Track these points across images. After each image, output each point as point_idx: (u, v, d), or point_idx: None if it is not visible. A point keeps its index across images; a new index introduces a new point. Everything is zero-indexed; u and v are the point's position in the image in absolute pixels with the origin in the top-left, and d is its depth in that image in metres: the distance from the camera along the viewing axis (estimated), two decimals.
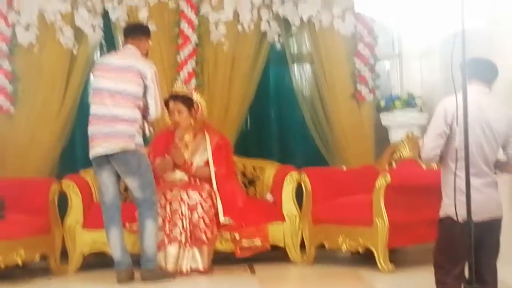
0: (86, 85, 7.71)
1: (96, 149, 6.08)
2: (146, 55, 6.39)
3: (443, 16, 4.06)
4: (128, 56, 6.23)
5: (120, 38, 7.42)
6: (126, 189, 6.78)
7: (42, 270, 6.73)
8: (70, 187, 6.83)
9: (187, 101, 6.85)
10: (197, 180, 6.82)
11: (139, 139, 6.12)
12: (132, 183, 6.16)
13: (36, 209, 6.65)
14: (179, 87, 7.02)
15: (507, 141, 4.67)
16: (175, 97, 6.86)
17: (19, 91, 7.48)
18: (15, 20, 7.45)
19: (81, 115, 7.43)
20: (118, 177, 6.23)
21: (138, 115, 6.10)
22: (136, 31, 6.43)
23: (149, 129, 6.31)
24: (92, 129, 6.12)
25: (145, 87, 6.09)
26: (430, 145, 4.60)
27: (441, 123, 4.55)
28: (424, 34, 4.55)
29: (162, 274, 6.22)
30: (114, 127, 6.01)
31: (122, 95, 6.04)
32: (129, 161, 6.08)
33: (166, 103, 6.79)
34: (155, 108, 6.14)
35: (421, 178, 6.30)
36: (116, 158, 6.07)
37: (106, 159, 6.10)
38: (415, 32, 4.71)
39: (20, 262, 6.33)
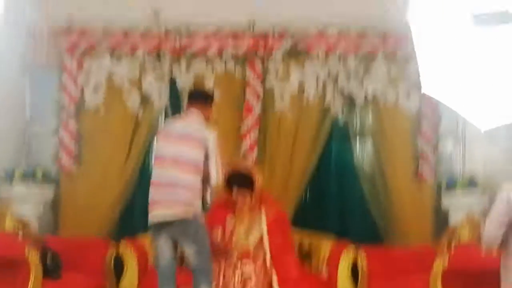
0: (149, 149, 7.81)
1: (155, 215, 6.07)
2: (208, 120, 6.37)
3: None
4: (190, 121, 6.22)
5: (184, 103, 7.54)
6: (183, 255, 6.79)
7: None
8: (127, 250, 6.86)
9: (250, 185, 6.85)
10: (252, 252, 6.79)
11: (199, 206, 6.10)
12: (188, 249, 6.09)
13: (92, 270, 6.70)
14: (239, 162, 7.07)
15: None
16: (239, 183, 6.82)
17: (83, 152, 7.60)
18: (84, 81, 7.61)
19: (142, 179, 7.50)
20: (175, 242, 6.23)
21: (199, 181, 6.06)
22: (200, 97, 6.43)
23: (210, 196, 6.31)
24: (152, 193, 6.11)
25: (207, 153, 6.08)
26: (493, 233, 4.55)
27: (504, 211, 4.50)
28: (489, 115, 4.51)
29: None
30: (175, 192, 5.97)
31: (184, 160, 6.02)
32: (187, 228, 6.04)
33: (227, 182, 6.79)
34: (216, 175, 6.08)
35: (480, 262, 6.17)
36: (174, 225, 6.04)
37: (165, 224, 6.08)
38: (480, 112, 4.67)
39: None
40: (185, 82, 7.66)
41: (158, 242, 6.16)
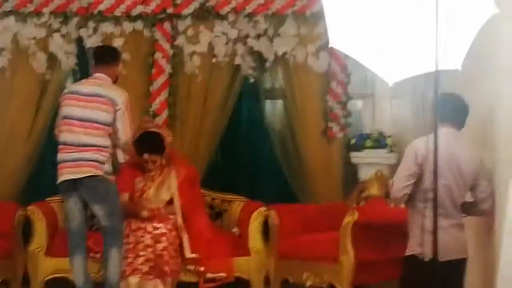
0: (56, 112, 7.69)
1: (64, 175, 6.02)
2: (116, 81, 6.36)
3: (417, 56, 4.09)
4: (99, 83, 6.18)
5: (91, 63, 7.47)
6: (93, 216, 6.72)
7: None
8: (35, 213, 6.76)
9: (161, 147, 6.85)
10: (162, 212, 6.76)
11: (108, 167, 6.06)
12: (99, 210, 6.09)
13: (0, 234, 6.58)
14: (147, 122, 7.04)
15: (475, 184, 4.71)
16: (150, 148, 6.82)
17: None
18: None
19: (51, 141, 7.38)
20: (85, 204, 6.16)
21: (108, 142, 6.05)
22: (106, 57, 6.38)
23: (122, 156, 6.27)
24: (61, 156, 6.05)
25: (115, 114, 6.04)
26: (400, 185, 4.65)
27: (411, 164, 4.60)
28: (397, 74, 4.58)
29: None
30: (84, 154, 5.96)
31: (93, 123, 6.00)
32: (96, 188, 6.02)
33: (137, 146, 6.76)
34: (123, 133, 6.06)
35: (388, 216, 6.29)
36: (83, 185, 6.00)
37: (74, 186, 6.03)
38: (389, 71, 4.74)
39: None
40: (93, 43, 7.52)
41: (68, 203, 6.14)
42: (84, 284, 6.10)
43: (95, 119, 6.00)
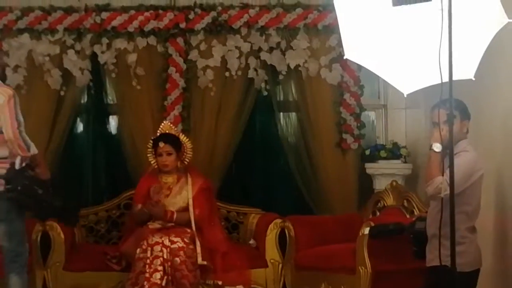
0: (72, 127, 7.83)
1: None
2: (2, 75, 5.85)
3: (431, 66, 4.12)
4: None
5: (107, 79, 7.72)
6: None
7: None
8: (53, 228, 6.69)
9: (177, 143, 6.87)
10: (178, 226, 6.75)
11: (15, 180, 5.36)
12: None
13: None
14: (167, 127, 7.03)
15: None
16: (165, 138, 6.86)
17: None
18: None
19: (67, 156, 7.56)
20: None
21: (5, 152, 5.45)
22: None
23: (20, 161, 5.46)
24: None
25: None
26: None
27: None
28: (411, 84, 4.62)
29: None
30: None
31: None
32: None
33: (155, 143, 6.81)
34: (5, 130, 5.37)
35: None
36: None
37: None
38: (402, 82, 4.78)
39: None
40: (106, 58, 7.59)
41: None
42: None
43: None
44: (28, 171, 5.45)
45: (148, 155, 6.98)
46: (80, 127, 8.07)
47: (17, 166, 5.39)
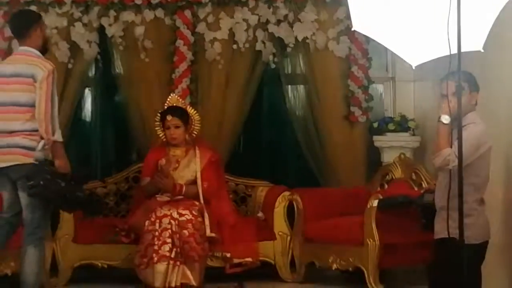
0: (80, 100, 7.85)
1: None
2: (43, 48, 5.71)
3: (439, 38, 4.10)
4: (19, 60, 5.58)
5: (114, 52, 7.68)
6: None
7: None
8: None
9: (184, 116, 6.85)
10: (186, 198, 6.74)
11: (40, 153, 5.39)
12: (22, 198, 5.47)
13: None
14: (174, 100, 7.01)
15: None
16: (173, 111, 6.85)
17: None
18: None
19: (75, 130, 7.56)
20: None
21: (36, 125, 5.39)
22: (25, 27, 5.61)
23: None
24: None
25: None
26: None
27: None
28: (419, 56, 4.59)
29: None
30: (11, 139, 5.38)
31: (15, 107, 5.42)
32: (26, 176, 5.34)
33: (163, 116, 6.81)
34: (37, 108, 5.36)
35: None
36: (14, 171, 5.41)
37: (4, 172, 5.46)
38: (411, 54, 4.77)
39: (9, 273, 6.35)
40: (114, 31, 7.58)
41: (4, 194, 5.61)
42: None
43: (17, 103, 5.41)
44: (49, 166, 5.43)
45: (156, 128, 6.99)
46: (88, 100, 8.09)
47: (39, 148, 5.35)
